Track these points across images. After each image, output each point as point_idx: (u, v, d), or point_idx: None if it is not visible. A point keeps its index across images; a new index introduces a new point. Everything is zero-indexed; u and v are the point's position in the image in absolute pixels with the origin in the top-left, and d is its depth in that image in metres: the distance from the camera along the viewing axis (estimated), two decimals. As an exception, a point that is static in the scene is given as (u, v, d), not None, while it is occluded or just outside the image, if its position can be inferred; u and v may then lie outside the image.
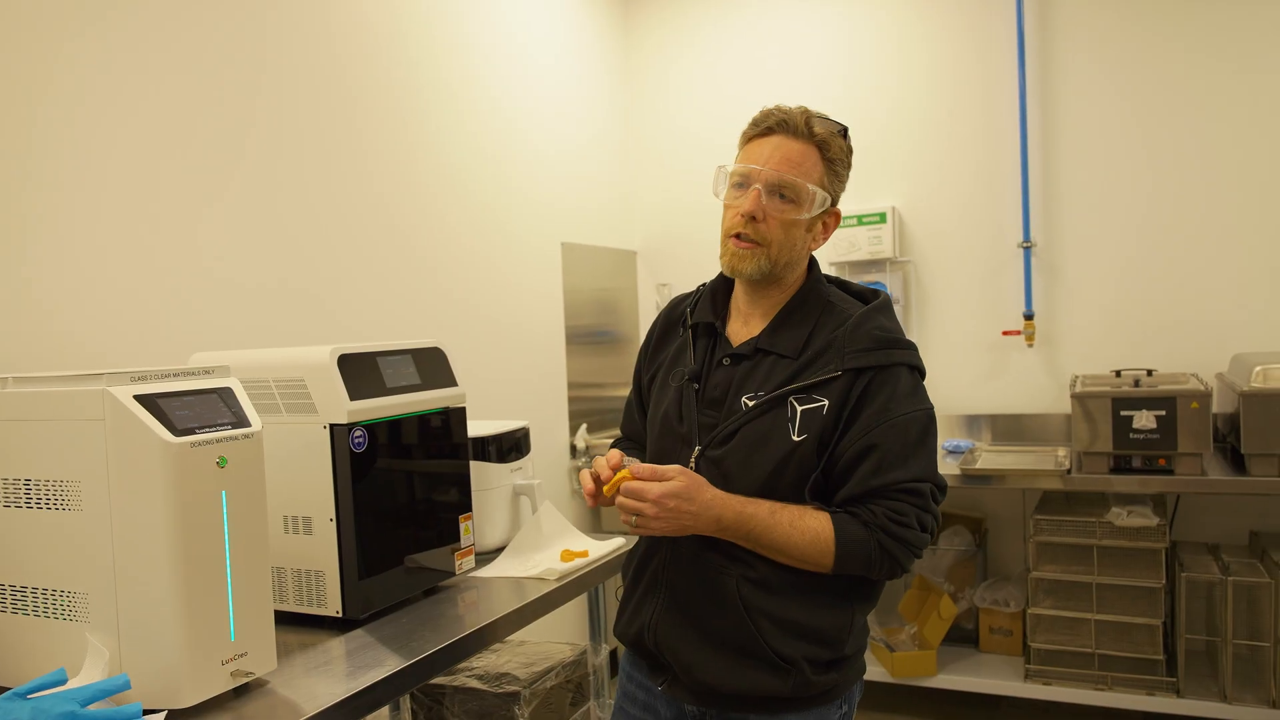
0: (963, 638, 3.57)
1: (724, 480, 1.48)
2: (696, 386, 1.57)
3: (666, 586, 1.56)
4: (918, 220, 3.81)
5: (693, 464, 1.53)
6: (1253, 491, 2.89)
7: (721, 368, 1.56)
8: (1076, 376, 3.41)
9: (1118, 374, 3.27)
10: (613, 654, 2.70)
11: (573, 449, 3.72)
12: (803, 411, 1.45)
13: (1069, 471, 3.04)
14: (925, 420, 1.47)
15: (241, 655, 1.36)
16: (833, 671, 1.52)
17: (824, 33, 3.95)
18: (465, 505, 1.95)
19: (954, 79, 3.76)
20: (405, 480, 1.81)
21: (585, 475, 1.52)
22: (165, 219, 2.05)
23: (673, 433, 1.57)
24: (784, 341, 1.52)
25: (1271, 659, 2.91)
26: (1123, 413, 2.95)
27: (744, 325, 1.59)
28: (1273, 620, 2.91)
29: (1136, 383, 3.09)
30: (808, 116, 1.51)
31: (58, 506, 1.34)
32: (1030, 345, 3.62)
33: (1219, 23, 3.39)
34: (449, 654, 1.57)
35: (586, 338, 3.86)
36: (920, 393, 1.50)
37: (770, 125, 1.52)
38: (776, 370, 1.50)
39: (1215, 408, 3.03)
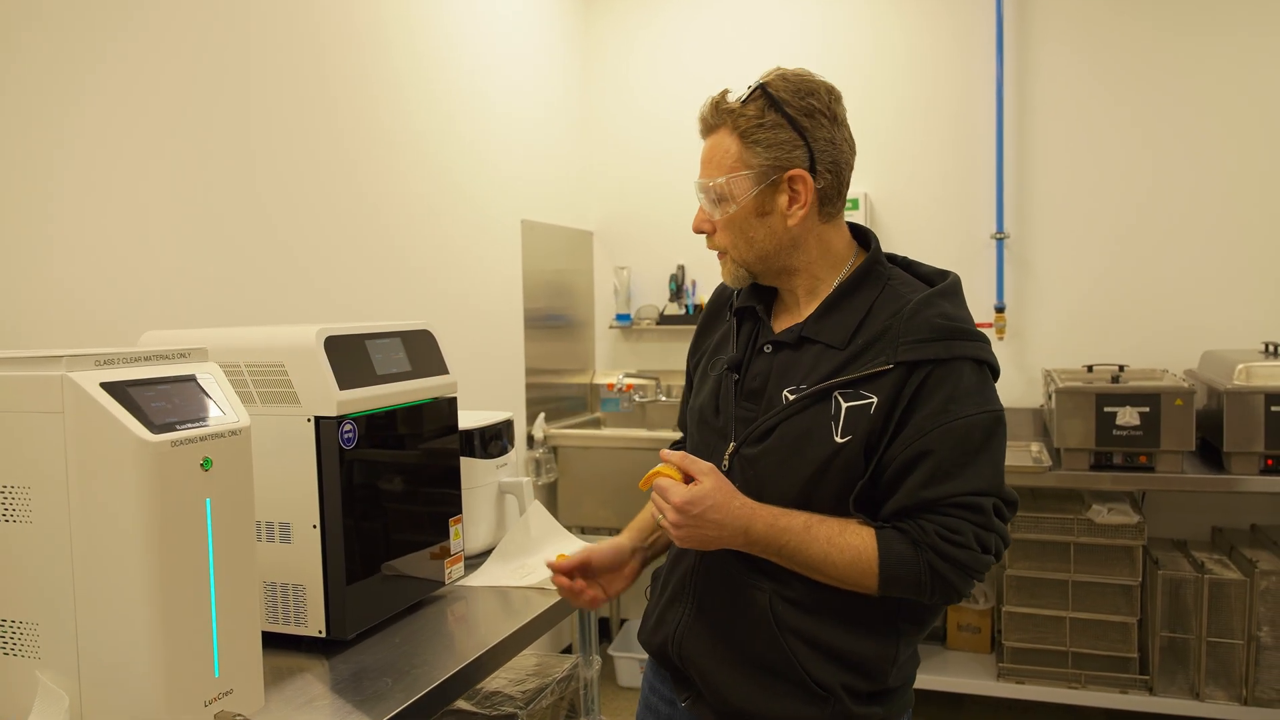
0: (929, 634, 3.50)
1: (758, 483, 1.31)
2: (736, 377, 1.40)
3: (694, 597, 1.39)
4: (889, 208, 3.71)
5: (726, 461, 1.36)
6: (1234, 489, 2.87)
7: (762, 355, 1.39)
8: (1049, 371, 3.36)
9: (1089, 369, 3.23)
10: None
11: (530, 439, 3.52)
12: (848, 409, 1.28)
13: (1050, 468, 2.97)
14: (989, 424, 1.28)
15: (226, 693, 1.15)
16: (876, 704, 1.36)
17: (794, 12, 3.80)
18: (456, 507, 1.75)
19: (930, 65, 3.66)
20: (394, 480, 1.60)
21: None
22: (113, 187, 1.78)
23: (709, 426, 1.41)
24: (830, 329, 1.34)
25: (1243, 656, 2.91)
26: (1106, 409, 2.90)
27: (789, 312, 1.42)
28: (1245, 617, 2.91)
29: (1114, 379, 3.04)
30: (715, 103, 1.36)
31: (2, 518, 1.10)
32: (1001, 338, 3.56)
33: (1198, 18, 3.37)
34: (459, 682, 1.38)
35: (542, 321, 3.65)
36: (987, 391, 1.31)
37: (700, 132, 1.41)
38: (822, 361, 1.33)
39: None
